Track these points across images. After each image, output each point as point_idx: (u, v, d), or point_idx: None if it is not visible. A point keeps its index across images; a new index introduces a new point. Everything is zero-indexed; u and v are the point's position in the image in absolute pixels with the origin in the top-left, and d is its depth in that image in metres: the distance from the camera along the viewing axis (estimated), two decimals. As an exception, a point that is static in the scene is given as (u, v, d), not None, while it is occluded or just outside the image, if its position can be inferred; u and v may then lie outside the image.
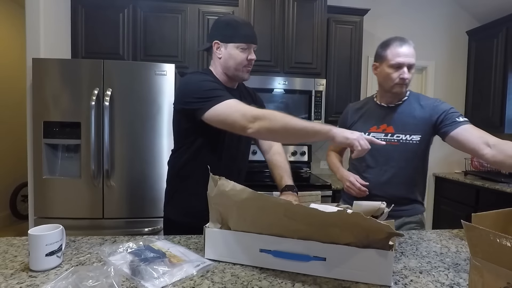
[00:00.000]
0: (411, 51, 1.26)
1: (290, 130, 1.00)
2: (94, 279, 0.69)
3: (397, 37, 1.31)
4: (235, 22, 1.18)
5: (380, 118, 1.36)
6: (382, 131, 1.34)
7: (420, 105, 1.32)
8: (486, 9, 3.17)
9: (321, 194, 2.38)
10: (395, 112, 1.34)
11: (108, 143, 2.02)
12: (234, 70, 1.20)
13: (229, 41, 1.18)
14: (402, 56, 1.25)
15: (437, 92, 3.36)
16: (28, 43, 2.11)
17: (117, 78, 2.04)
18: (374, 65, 1.37)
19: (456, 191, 2.99)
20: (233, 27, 1.17)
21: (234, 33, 1.17)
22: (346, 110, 1.51)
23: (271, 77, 2.57)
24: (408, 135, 1.30)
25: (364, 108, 1.43)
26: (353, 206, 1.00)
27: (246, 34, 1.18)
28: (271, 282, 0.79)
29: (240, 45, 1.17)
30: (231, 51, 1.18)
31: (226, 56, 1.19)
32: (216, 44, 1.20)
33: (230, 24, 1.18)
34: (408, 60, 1.25)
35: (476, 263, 0.65)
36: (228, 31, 1.18)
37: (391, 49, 1.28)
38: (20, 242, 1.03)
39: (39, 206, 2.03)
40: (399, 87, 1.29)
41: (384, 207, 0.99)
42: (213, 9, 2.61)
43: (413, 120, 1.31)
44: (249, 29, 1.20)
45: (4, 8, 3.80)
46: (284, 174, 1.27)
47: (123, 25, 2.52)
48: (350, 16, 2.74)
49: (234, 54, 1.18)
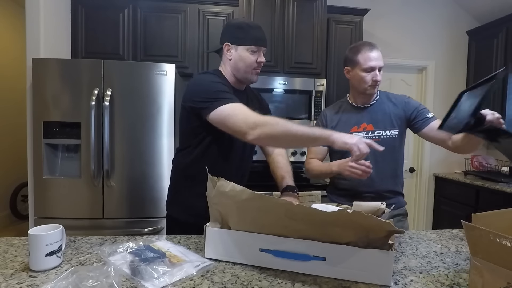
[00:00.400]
0: (379, 55, 1.37)
1: (291, 137, 1.01)
2: (94, 279, 0.69)
3: (365, 42, 1.41)
4: (246, 25, 1.21)
5: (358, 118, 1.44)
6: (363, 130, 1.42)
7: (392, 102, 1.45)
8: (486, 9, 3.17)
9: (321, 194, 2.38)
10: (370, 111, 1.44)
11: (108, 143, 2.02)
12: (243, 72, 1.23)
13: (240, 43, 1.20)
14: (374, 60, 1.36)
15: (437, 92, 3.36)
16: (28, 43, 2.11)
17: (117, 78, 2.04)
18: (346, 69, 1.46)
19: (456, 191, 2.99)
20: (244, 30, 1.20)
21: (245, 35, 1.19)
22: (323, 115, 1.55)
23: (271, 77, 2.57)
24: (387, 130, 1.40)
25: (340, 111, 1.50)
26: (353, 206, 1.01)
27: (256, 37, 1.20)
28: (271, 282, 0.79)
29: (250, 48, 1.20)
30: (242, 53, 1.21)
31: (237, 58, 1.22)
32: (227, 46, 1.23)
33: (242, 27, 1.20)
34: (378, 64, 1.36)
35: (476, 263, 0.65)
36: (239, 34, 1.20)
37: (362, 54, 1.37)
38: (20, 242, 1.03)
39: (39, 206, 2.03)
40: (372, 88, 1.39)
41: (384, 207, 0.99)
42: (213, 9, 2.61)
43: (388, 116, 1.42)
44: (259, 32, 1.22)
45: (4, 8, 3.80)
46: (285, 174, 1.29)
47: (123, 25, 2.52)
48: (350, 16, 2.74)
49: (244, 56, 1.21)
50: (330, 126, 1.48)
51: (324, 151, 1.51)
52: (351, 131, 1.42)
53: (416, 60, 3.32)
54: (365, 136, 1.38)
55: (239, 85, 1.29)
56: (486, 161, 3.18)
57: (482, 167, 3.17)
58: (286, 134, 1.01)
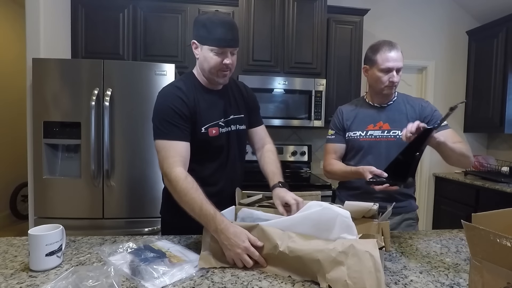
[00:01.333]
0: (399, 56, 1.33)
1: (181, 205, 1.02)
2: (94, 279, 0.69)
3: (386, 41, 1.36)
4: (210, 23, 1.08)
5: (375, 116, 1.42)
6: (379, 128, 1.39)
7: (410, 104, 1.42)
8: (486, 9, 3.17)
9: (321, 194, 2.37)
10: (387, 111, 1.42)
11: (108, 143, 2.02)
12: (208, 73, 1.15)
13: (204, 42, 1.11)
14: (391, 61, 1.32)
15: (437, 92, 3.36)
16: (28, 43, 2.11)
17: (117, 78, 2.04)
18: (364, 68, 1.45)
19: (456, 191, 2.99)
20: (208, 28, 1.08)
21: (208, 35, 1.08)
22: (339, 112, 1.53)
23: (271, 77, 2.57)
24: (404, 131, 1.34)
25: (357, 108, 1.48)
26: (344, 206, 1.00)
27: (220, 37, 1.08)
28: (271, 282, 0.79)
29: (214, 49, 1.10)
30: (206, 54, 1.11)
31: (202, 58, 1.14)
32: (193, 44, 1.15)
33: (206, 25, 1.09)
34: (397, 65, 1.32)
35: (476, 263, 0.65)
36: (203, 32, 1.09)
37: (381, 54, 1.34)
38: (20, 242, 1.03)
39: (39, 206, 2.03)
40: (388, 89, 1.36)
41: (375, 208, 0.98)
42: (213, 9, 2.60)
43: (405, 117, 1.38)
44: (225, 31, 1.08)
45: (4, 8, 3.80)
46: (276, 171, 1.25)
47: (123, 25, 2.52)
48: (350, 16, 2.74)
49: (208, 57, 1.11)
50: (346, 122, 1.46)
51: (343, 148, 1.47)
52: (367, 129, 1.40)
53: (416, 60, 3.32)
54: (381, 135, 1.37)
55: (213, 85, 1.21)
56: (486, 161, 3.19)
57: (482, 167, 3.17)
58: (179, 201, 1.02)
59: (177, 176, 1.01)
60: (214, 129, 1.17)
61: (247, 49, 2.57)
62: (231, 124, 1.24)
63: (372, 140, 1.38)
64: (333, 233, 0.85)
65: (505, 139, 3.27)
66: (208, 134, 1.16)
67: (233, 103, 1.27)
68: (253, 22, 2.57)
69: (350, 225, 0.85)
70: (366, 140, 1.39)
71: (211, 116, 1.18)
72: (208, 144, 1.17)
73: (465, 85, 3.38)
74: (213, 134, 1.17)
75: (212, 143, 1.17)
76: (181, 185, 1.00)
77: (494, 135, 3.38)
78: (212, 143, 1.17)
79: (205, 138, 1.15)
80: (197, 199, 0.97)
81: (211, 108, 1.19)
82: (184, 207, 1.00)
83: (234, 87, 1.31)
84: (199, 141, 1.14)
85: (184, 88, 1.14)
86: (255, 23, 2.57)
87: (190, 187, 0.99)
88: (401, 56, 1.34)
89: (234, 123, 1.25)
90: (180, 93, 1.12)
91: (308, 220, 0.88)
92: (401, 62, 1.33)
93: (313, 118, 2.60)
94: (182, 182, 1.00)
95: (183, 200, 1.00)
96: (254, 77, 2.52)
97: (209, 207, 0.95)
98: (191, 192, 0.98)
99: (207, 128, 1.16)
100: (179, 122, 1.09)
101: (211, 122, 1.17)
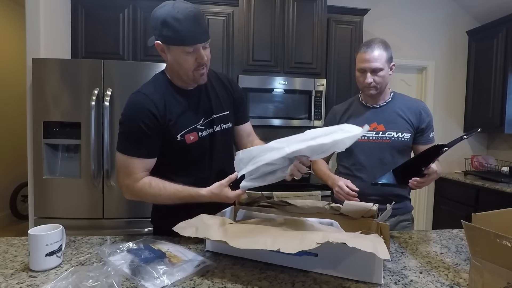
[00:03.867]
0: (373, 56, 1.27)
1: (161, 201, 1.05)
2: (94, 279, 0.69)
3: (366, 42, 1.34)
4: (173, 19, 0.93)
5: (368, 117, 1.38)
6: (373, 129, 1.36)
7: (407, 107, 1.38)
8: (486, 9, 3.17)
9: (321, 194, 2.38)
10: (382, 112, 1.38)
11: (108, 143, 2.02)
12: (184, 76, 1.03)
13: (170, 43, 0.97)
14: (364, 62, 1.29)
15: (437, 92, 3.36)
16: (28, 43, 2.11)
17: (117, 78, 2.04)
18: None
19: (456, 191, 2.99)
20: (171, 26, 0.93)
21: (174, 34, 0.94)
22: (333, 112, 1.52)
23: (271, 77, 2.56)
24: (399, 133, 1.34)
25: (351, 109, 1.46)
26: (344, 205, 1.00)
27: (187, 34, 0.94)
28: (271, 282, 0.79)
29: (184, 48, 0.97)
30: (175, 55, 0.99)
31: (171, 60, 1.01)
32: (158, 45, 1.00)
33: (168, 23, 0.93)
34: (369, 66, 1.28)
35: (476, 263, 0.65)
36: (167, 32, 0.95)
37: (358, 54, 1.33)
38: (20, 242, 1.03)
39: (39, 206, 2.03)
40: (367, 89, 1.33)
41: (375, 209, 0.98)
42: (213, 9, 2.61)
43: (400, 119, 1.36)
44: (192, 25, 0.94)
45: (4, 8, 3.80)
46: None
47: (123, 25, 2.52)
48: (350, 16, 2.74)
49: (179, 58, 0.99)
50: (339, 122, 1.44)
51: None
52: None
53: (416, 60, 3.32)
54: (375, 136, 1.34)
55: (189, 85, 1.09)
56: (486, 161, 3.18)
57: (482, 167, 3.17)
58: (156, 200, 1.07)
59: (141, 188, 1.03)
60: (191, 134, 1.07)
61: (247, 49, 2.57)
62: (215, 125, 1.13)
63: (366, 141, 1.35)
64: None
65: (505, 139, 3.27)
66: (185, 141, 1.06)
67: (214, 100, 1.14)
68: (253, 22, 2.57)
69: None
70: (359, 141, 1.38)
71: (187, 121, 1.07)
72: (187, 151, 1.08)
73: (465, 85, 3.38)
74: (191, 141, 1.06)
75: (191, 150, 1.08)
76: (149, 192, 1.03)
77: (494, 135, 3.38)
78: (191, 150, 1.08)
79: (183, 145, 1.06)
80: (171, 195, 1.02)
81: (186, 111, 1.07)
82: (164, 203, 1.04)
83: (215, 82, 1.17)
84: (177, 149, 1.07)
85: (155, 95, 1.03)
86: (255, 23, 2.57)
87: (158, 189, 1.02)
88: (378, 56, 1.27)
89: (219, 123, 1.14)
90: (149, 104, 1.01)
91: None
92: (378, 62, 1.27)
93: (313, 118, 2.60)
94: (150, 190, 1.03)
95: (159, 200, 1.04)
96: (254, 77, 2.52)
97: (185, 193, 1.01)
98: (162, 192, 1.02)
99: (183, 135, 1.05)
100: (147, 139, 1.02)
101: (187, 128, 1.06)
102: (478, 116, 3.17)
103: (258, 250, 0.84)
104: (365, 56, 1.29)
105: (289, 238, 0.78)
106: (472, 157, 3.27)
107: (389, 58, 1.31)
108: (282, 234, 0.82)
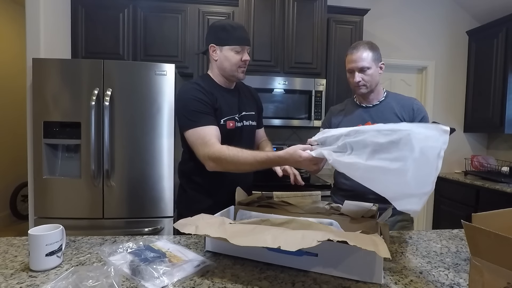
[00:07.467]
0: (358, 56, 1.33)
1: (241, 169, 1.12)
2: (94, 279, 0.69)
3: (353, 45, 1.39)
4: (229, 26, 1.26)
5: (363, 117, 1.42)
6: None
7: (400, 105, 1.40)
8: (486, 9, 3.17)
9: (321, 194, 2.37)
10: (376, 111, 1.42)
11: (108, 143, 2.02)
12: (230, 71, 1.29)
13: (224, 44, 1.26)
14: (352, 62, 1.35)
15: (437, 92, 3.36)
16: (28, 43, 2.11)
17: (117, 78, 2.04)
18: None
19: (456, 191, 2.99)
20: (228, 31, 1.25)
21: (229, 36, 1.25)
22: (329, 112, 1.56)
23: (271, 77, 2.56)
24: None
25: (346, 109, 1.49)
26: (344, 205, 1.00)
27: (239, 37, 1.26)
28: (271, 282, 0.79)
29: (235, 48, 1.26)
30: (226, 54, 1.26)
31: (222, 58, 1.28)
32: (212, 47, 1.29)
33: (225, 28, 1.25)
34: (356, 65, 1.34)
35: (476, 263, 0.65)
36: (223, 35, 1.25)
37: (347, 57, 1.39)
38: (20, 242, 1.03)
39: (39, 206, 2.02)
40: (358, 89, 1.38)
41: (375, 209, 0.99)
42: (213, 9, 2.61)
43: (395, 118, 1.37)
44: (242, 32, 1.28)
45: (4, 8, 3.80)
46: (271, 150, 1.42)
47: (123, 25, 2.52)
48: (350, 16, 2.74)
49: (229, 56, 1.26)
50: (335, 123, 1.48)
51: None
52: None
53: (416, 60, 3.32)
54: None
55: (229, 84, 1.35)
56: (486, 161, 3.18)
57: (482, 167, 3.17)
58: (237, 168, 1.12)
59: (220, 151, 1.10)
60: (231, 122, 1.29)
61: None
62: (244, 120, 1.35)
63: None
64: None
65: (505, 139, 3.27)
66: (226, 127, 1.26)
67: (245, 101, 1.40)
68: (253, 22, 2.57)
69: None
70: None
71: (228, 110, 1.29)
72: (224, 136, 1.23)
73: (465, 85, 3.38)
74: (230, 127, 1.28)
75: (227, 136, 1.25)
76: (228, 154, 1.09)
77: (494, 135, 3.38)
78: (227, 135, 1.25)
79: (223, 130, 1.23)
80: (248, 156, 1.08)
81: (227, 103, 1.30)
82: (242, 168, 1.10)
83: (244, 88, 1.46)
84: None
85: (203, 84, 1.26)
86: (255, 23, 2.57)
87: (236, 151, 1.09)
88: (364, 56, 1.32)
89: (247, 119, 1.37)
90: (200, 88, 1.24)
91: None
92: (364, 62, 1.33)
93: (313, 118, 2.60)
94: (228, 152, 1.09)
95: (238, 163, 1.09)
96: (254, 77, 2.52)
97: (262, 154, 1.08)
98: (239, 155, 1.08)
99: (226, 120, 1.27)
100: (205, 110, 1.20)
101: (228, 115, 1.28)
102: (478, 116, 3.17)
103: (258, 250, 0.84)
104: (352, 57, 1.35)
105: (290, 236, 0.78)
106: (472, 157, 3.27)
107: (376, 57, 1.35)
108: (282, 233, 0.82)
